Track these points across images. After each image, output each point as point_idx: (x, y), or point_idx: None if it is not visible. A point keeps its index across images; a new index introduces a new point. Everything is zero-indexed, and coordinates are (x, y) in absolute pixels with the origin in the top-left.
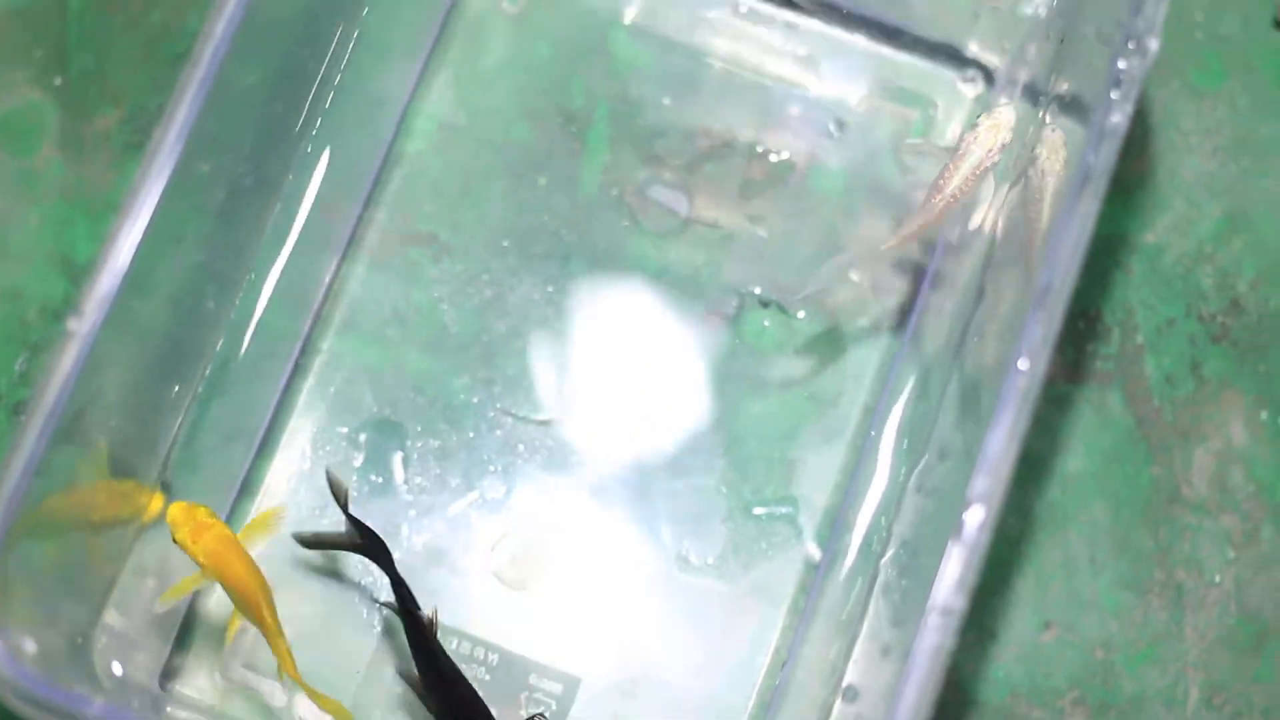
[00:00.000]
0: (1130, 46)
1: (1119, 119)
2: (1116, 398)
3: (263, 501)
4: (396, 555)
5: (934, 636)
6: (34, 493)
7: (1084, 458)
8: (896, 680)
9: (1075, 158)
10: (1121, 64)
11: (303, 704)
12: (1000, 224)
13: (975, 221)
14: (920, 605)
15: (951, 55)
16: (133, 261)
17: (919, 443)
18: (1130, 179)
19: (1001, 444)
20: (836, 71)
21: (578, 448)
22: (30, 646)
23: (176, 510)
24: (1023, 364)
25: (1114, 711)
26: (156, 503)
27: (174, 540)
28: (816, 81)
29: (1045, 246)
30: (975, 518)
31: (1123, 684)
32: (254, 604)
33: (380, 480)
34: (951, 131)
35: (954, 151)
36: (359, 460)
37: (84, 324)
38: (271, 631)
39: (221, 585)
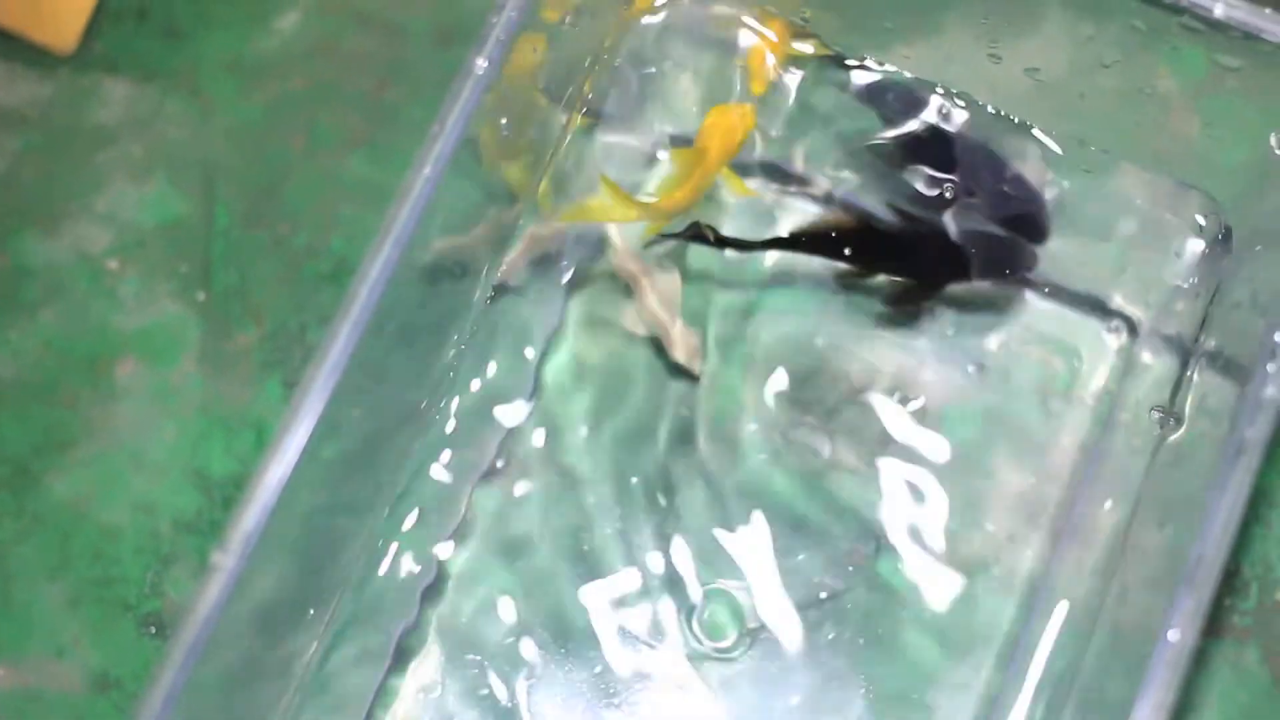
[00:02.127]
0: None
1: (1275, 391)
2: (1254, 654)
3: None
4: None
5: None
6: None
7: (1220, 714)
8: None
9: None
10: (1278, 336)
11: None
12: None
13: None
14: None
15: (1095, 306)
16: (279, 494)
17: (1058, 702)
18: (1273, 435)
19: (1149, 715)
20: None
21: (712, 684)
22: None
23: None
24: (1173, 635)
25: None
26: None
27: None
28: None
29: None
30: None
31: None
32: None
33: (509, 706)
34: (1096, 381)
35: None
36: (485, 690)
37: (229, 558)
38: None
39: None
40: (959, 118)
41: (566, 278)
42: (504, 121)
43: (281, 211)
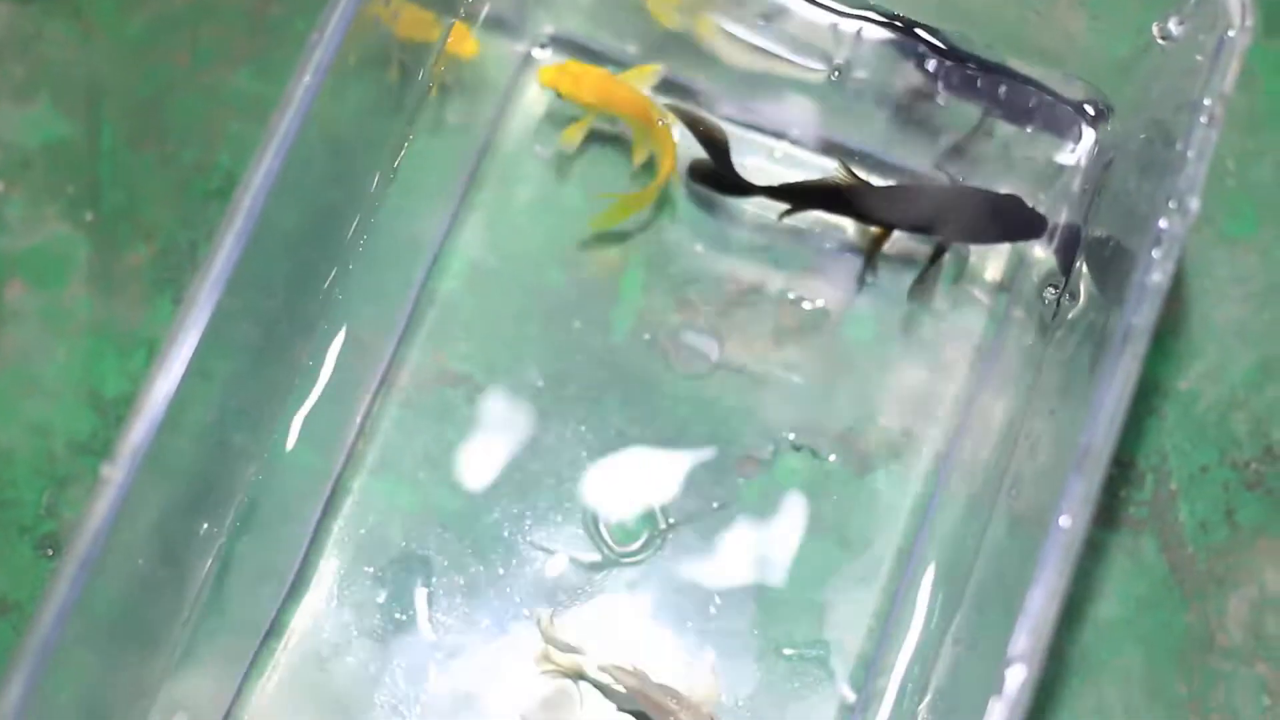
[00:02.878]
0: (1171, 206)
1: (1159, 278)
2: (1150, 544)
3: (288, 640)
4: (423, 698)
5: None
6: (63, 638)
7: (1118, 604)
8: None
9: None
10: (1163, 223)
11: None
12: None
13: None
14: None
15: None
16: (167, 407)
17: (955, 592)
18: (1164, 326)
19: (1043, 601)
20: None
21: (609, 587)
22: None
23: (548, 72)
24: (1064, 522)
25: None
26: None
27: (559, 95)
28: (850, 228)
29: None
30: (1017, 676)
31: None
32: (643, 110)
33: (405, 618)
34: (990, 274)
35: None
36: (383, 597)
37: (118, 470)
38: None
39: (611, 110)
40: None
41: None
42: None
43: (168, 130)
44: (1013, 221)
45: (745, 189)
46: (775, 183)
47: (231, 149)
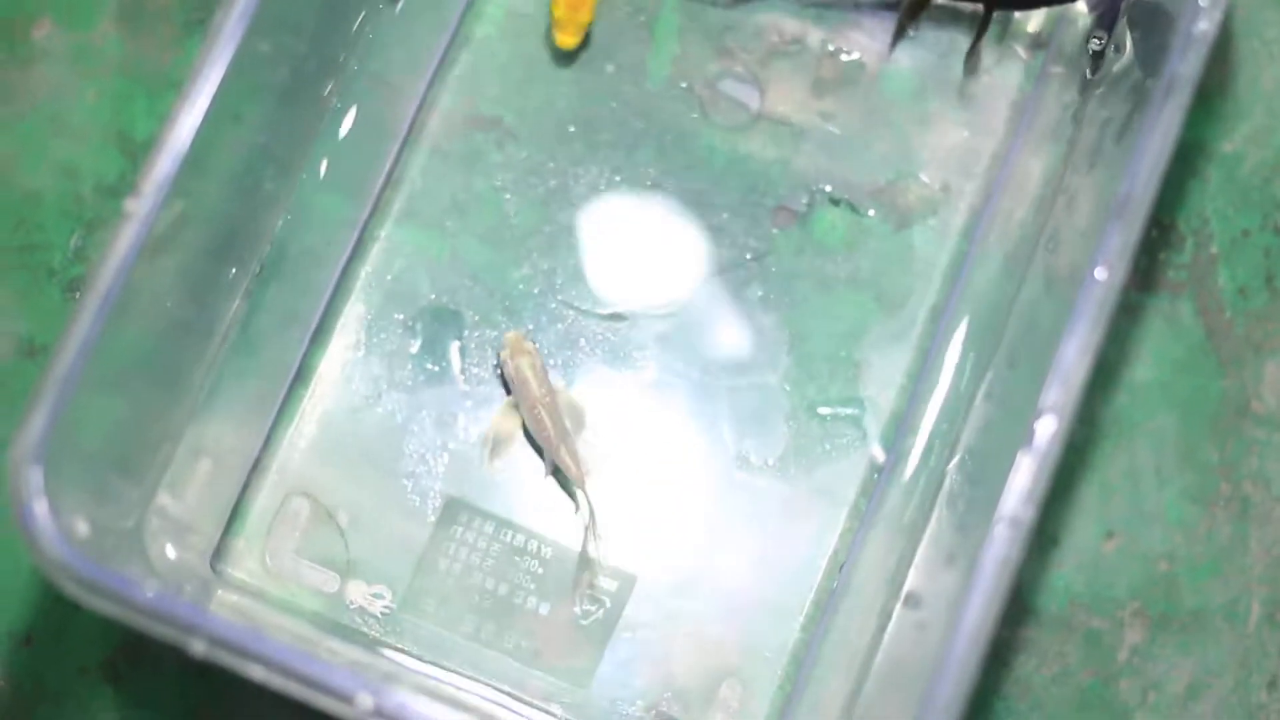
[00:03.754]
0: None
1: (1206, 26)
2: (1188, 308)
3: (316, 388)
4: (451, 445)
5: (1001, 547)
6: (86, 375)
7: (1153, 367)
8: (960, 589)
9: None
10: None
11: (353, 589)
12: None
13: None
14: (987, 514)
15: None
16: (192, 143)
17: (988, 349)
18: (1210, 87)
19: (1075, 354)
20: None
21: (639, 342)
22: (83, 529)
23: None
24: (1100, 274)
25: (1175, 624)
26: None
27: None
28: None
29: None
30: (1047, 429)
31: (1184, 597)
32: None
33: (437, 369)
34: (1031, 27)
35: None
36: (415, 347)
37: (142, 205)
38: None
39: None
40: None
41: None
42: None
43: None
44: None
45: None
46: None
47: None
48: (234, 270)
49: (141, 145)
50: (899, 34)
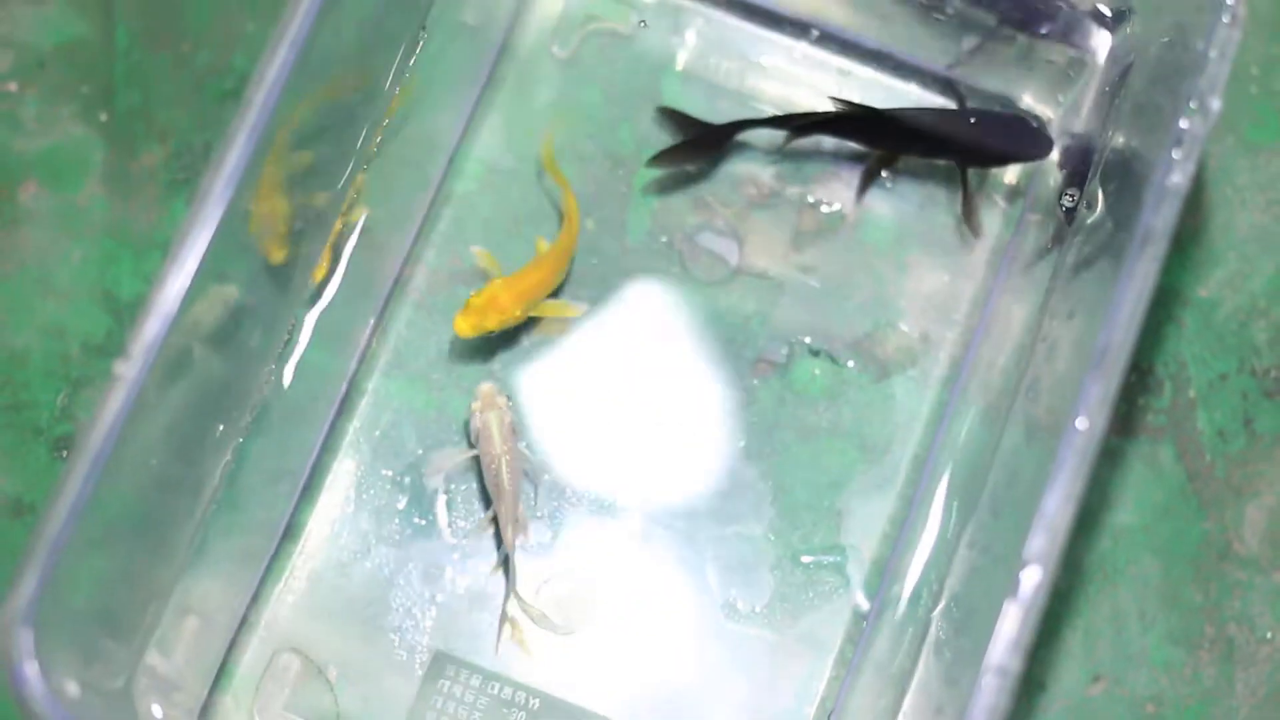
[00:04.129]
0: (1192, 106)
1: (1180, 179)
2: (1168, 452)
3: (304, 544)
4: (439, 598)
5: (989, 697)
6: (76, 537)
7: (1135, 512)
8: None
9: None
10: (1184, 124)
11: None
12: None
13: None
14: (974, 663)
15: (1006, 107)
16: (180, 305)
17: (971, 497)
18: (1184, 233)
19: (1058, 504)
20: None
21: (625, 493)
22: (73, 690)
23: (464, 322)
24: (1081, 424)
25: None
26: None
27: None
28: None
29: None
30: (1032, 578)
31: None
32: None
33: (424, 523)
34: (1008, 178)
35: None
36: (402, 503)
37: (131, 368)
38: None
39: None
40: None
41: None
42: None
43: (183, 30)
44: (1019, 143)
45: (736, 128)
46: (793, 83)
47: (247, 50)
48: (222, 427)
49: (127, 305)
50: (864, 187)
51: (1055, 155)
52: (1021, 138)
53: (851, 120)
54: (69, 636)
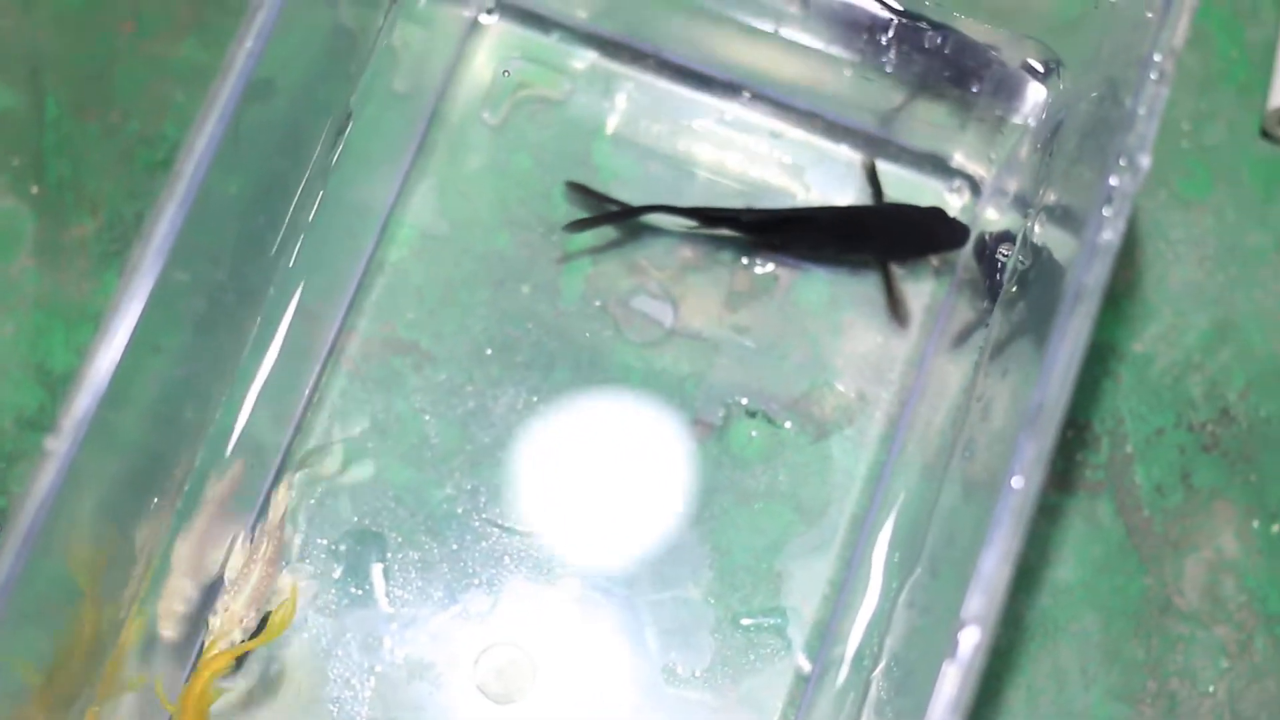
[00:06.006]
0: (1122, 163)
1: (1111, 236)
2: (1107, 507)
3: None
4: (378, 668)
5: None
6: (7, 614)
7: (1075, 568)
8: None
9: None
10: (1113, 181)
11: None
12: None
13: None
14: None
15: (938, 165)
16: (111, 378)
17: (910, 557)
18: (1118, 288)
19: (995, 563)
20: (822, 180)
21: (563, 559)
22: None
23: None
24: (1017, 482)
25: None
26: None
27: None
28: (802, 190)
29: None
30: (970, 639)
31: None
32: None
33: (360, 592)
34: None
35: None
36: (338, 572)
37: (62, 443)
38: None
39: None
40: None
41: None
42: None
43: (113, 100)
44: (934, 235)
45: (644, 210)
46: (725, 146)
47: (177, 119)
48: (156, 499)
49: (60, 377)
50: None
51: (969, 246)
52: (936, 230)
53: (761, 222)
54: (3, 711)
